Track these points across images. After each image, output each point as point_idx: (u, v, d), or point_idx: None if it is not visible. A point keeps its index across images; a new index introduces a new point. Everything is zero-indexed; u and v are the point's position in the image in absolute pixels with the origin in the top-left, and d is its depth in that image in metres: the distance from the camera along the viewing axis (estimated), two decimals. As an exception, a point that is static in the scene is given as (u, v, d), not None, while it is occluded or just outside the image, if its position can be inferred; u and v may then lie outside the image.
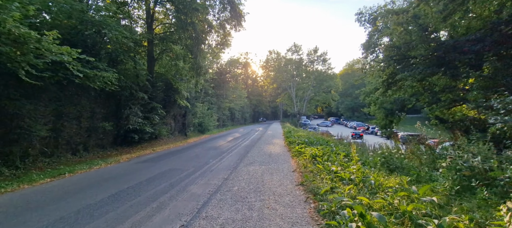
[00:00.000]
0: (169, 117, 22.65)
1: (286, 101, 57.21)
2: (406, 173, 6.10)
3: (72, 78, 9.07)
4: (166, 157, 11.33)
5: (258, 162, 8.71)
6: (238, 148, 14.19)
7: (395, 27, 10.64)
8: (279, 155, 10.23)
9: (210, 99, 38.47)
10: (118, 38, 11.07)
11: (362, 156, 8.54)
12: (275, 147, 13.04)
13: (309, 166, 6.93)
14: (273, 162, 8.69)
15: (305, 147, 10.09)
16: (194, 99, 30.26)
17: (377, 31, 21.59)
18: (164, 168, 8.61)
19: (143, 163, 9.87)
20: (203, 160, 10.16)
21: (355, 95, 70.97)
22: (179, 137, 24.08)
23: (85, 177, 7.47)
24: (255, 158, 9.77)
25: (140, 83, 15.53)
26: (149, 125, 17.02)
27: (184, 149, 14.31)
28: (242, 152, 12.10)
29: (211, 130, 32.83)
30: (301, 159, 8.18)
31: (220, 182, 6.28)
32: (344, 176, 5.27)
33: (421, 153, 7.40)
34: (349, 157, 7.88)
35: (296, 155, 9.38)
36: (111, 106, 14.45)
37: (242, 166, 8.11)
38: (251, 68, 66.58)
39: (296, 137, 14.90)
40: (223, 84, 45.83)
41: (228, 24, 21.28)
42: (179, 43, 19.78)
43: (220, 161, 9.69)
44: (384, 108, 17.12)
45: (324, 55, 51.33)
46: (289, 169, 7.40)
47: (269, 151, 11.75)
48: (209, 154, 11.77)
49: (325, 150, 8.46)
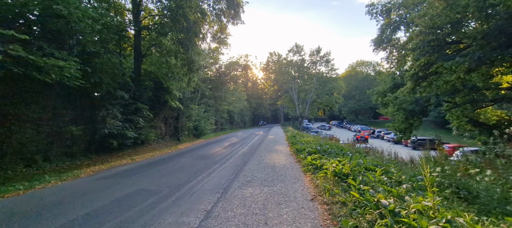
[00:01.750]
0: (159, 120, 20.32)
1: (287, 104, 54.82)
2: (500, 207, 3.75)
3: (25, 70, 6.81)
4: (143, 169, 8.97)
5: (258, 180, 6.36)
6: (234, 156, 11.84)
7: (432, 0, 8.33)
8: (285, 169, 7.87)
9: (208, 102, 36.17)
10: (83, 20, 8.77)
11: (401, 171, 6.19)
12: (279, 156, 10.68)
13: (335, 191, 4.58)
14: (279, 180, 6.33)
15: (319, 159, 7.74)
16: (189, 101, 27.94)
17: (390, 24, 19.39)
18: (131, 188, 6.27)
19: (108, 179, 7.51)
20: (187, 174, 7.81)
21: (358, 98, 68.74)
22: (170, 142, 21.72)
23: (3, 205, 5.12)
24: (254, 172, 7.41)
25: (119, 80, 13.23)
26: (132, 129, 14.70)
27: (171, 158, 11.96)
28: (239, 163, 9.75)
29: (207, 134, 30.48)
30: (319, 177, 5.82)
31: (197, 221, 3.93)
32: (411, 223, 2.92)
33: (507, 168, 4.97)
34: (389, 174, 5.53)
35: (309, 169, 7.01)
36: (82, 107, 12.12)
37: (236, 187, 5.75)
38: (251, 71, 64.55)
39: (303, 143, 12.54)
40: (221, 86, 43.60)
41: (224, 16, 19.07)
42: (169, 35, 17.59)
43: (208, 177, 7.34)
44: (404, 109, 14.79)
45: (327, 56, 49.07)
46: (305, 194, 5.04)
47: (272, 161, 9.39)
48: (198, 165, 9.42)
49: (352, 164, 6.10)
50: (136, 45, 17.52)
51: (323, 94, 51.16)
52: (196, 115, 29.69)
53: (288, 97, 52.76)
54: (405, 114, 14.75)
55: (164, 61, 18.43)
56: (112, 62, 12.40)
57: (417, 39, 9.27)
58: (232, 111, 47.73)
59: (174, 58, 18.01)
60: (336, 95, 52.98)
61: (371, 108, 70.04)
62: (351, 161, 6.46)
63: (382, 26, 19.72)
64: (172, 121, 23.51)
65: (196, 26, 16.89)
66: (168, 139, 22.31)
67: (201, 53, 22.58)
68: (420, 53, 9.14)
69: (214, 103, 38.73)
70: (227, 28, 22.98)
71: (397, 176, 5.38)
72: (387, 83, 18.58)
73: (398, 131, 15.55)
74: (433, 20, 8.23)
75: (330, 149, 9.84)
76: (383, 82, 21.46)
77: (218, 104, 40.73)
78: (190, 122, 27.68)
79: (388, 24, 19.21)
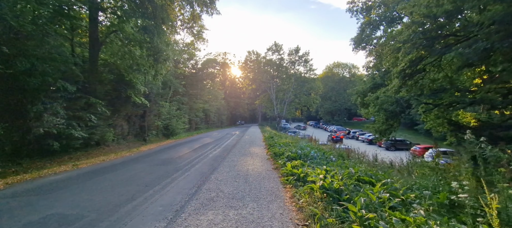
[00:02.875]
0: (120, 118, 17.83)
1: (265, 103, 53.81)
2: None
3: None
4: (81, 180, 6.99)
5: (224, 198, 4.85)
6: (202, 161, 10.17)
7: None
8: (261, 179, 6.45)
9: (181, 99, 33.69)
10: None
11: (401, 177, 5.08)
12: (254, 161, 9.25)
13: (328, 221, 3.23)
14: (251, 197, 4.88)
15: (301, 166, 6.44)
16: (159, 97, 25.50)
17: (370, 23, 18.99)
18: (42, 212, 4.41)
19: (19, 196, 5.49)
20: (135, 187, 6.04)
21: (334, 99, 70.07)
22: (134, 143, 19.29)
23: None
24: (221, 184, 5.89)
25: (62, 68, 10.87)
26: (81, 128, 12.34)
27: (125, 163, 9.96)
28: (206, 170, 8.14)
29: (179, 134, 28.17)
30: (303, 194, 4.46)
31: None
32: None
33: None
34: (390, 189, 4.35)
35: (289, 180, 5.66)
36: (7, 100, 9.64)
37: (192, 210, 4.20)
38: (229, 69, 62.62)
39: (281, 146, 11.25)
40: (197, 83, 41.18)
41: (197, 4, 17.20)
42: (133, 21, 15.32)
43: (161, 191, 5.65)
44: (385, 110, 14.25)
45: (305, 56, 48.89)
46: (285, 222, 3.64)
47: (246, 168, 7.93)
48: (154, 174, 7.64)
49: (343, 174, 4.84)
50: (91, 30, 15.04)
51: (301, 95, 50.96)
52: (167, 113, 27.24)
53: (266, 97, 51.78)
54: (386, 115, 14.22)
55: (127, 52, 16.10)
56: (51, 46, 10.04)
57: (409, 31, 8.46)
58: (208, 110, 45.46)
59: (139, 48, 15.79)
60: (313, 95, 53.14)
61: (346, 109, 71.95)
62: (342, 171, 5.21)
63: (362, 24, 19.27)
64: (137, 119, 21.02)
65: (163, 11, 14.87)
66: (131, 139, 19.83)
67: (171, 44, 20.39)
68: (412, 46, 8.33)
69: (188, 101, 36.29)
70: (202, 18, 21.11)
71: (403, 191, 4.21)
72: (367, 83, 18.17)
73: (378, 132, 15.06)
74: (429, 8, 7.43)
75: (311, 153, 8.63)
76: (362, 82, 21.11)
77: (192, 102, 38.31)
78: (159, 121, 25.22)
79: (368, 23, 18.77)
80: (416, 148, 27.42)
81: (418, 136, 41.24)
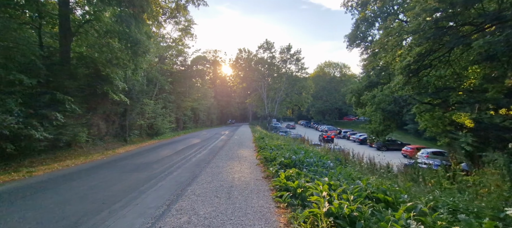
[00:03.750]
0: (96, 116, 16.18)
1: (256, 102, 52.66)
2: None
3: None
4: (20, 197, 5.59)
5: (197, 225, 3.65)
6: (183, 166, 8.89)
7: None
8: (248, 193, 5.28)
9: (168, 97, 32.02)
10: None
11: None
12: (242, 168, 8.07)
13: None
14: (233, 226, 3.70)
15: (297, 176, 5.32)
16: (142, 95, 23.81)
17: (365, 19, 18.18)
18: None
19: None
20: (87, 205, 4.73)
21: (325, 98, 69.80)
22: (113, 144, 17.71)
23: None
24: (196, 203, 4.68)
25: (17, 58, 9.29)
26: (44, 128, 10.76)
27: (91, 170, 8.54)
28: (184, 179, 6.88)
29: (165, 133, 26.60)
30: (302, 224, 3.32)
31: None
32: None
33: None
34: (415, 210, 3.27)
35: (283, 198, 4.49)
36: None
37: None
38: (220, 68, 61.13)
39: (273, 149, 10.11)
40: (185, 81, 39.47)
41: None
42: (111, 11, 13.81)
43: (119, 212, 4.37)
44: (383, 109, 13.40)
45: (297, 54, 48.03)
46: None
47: (231, 177, 6.74)
48: (120, 184, 6.32)
49: (353, 192, 3.75)
50: (61, 18, 13.43)
51: (292, 94, 50.16)
52: (152, 111, 25.61)
53: (257, 95, 50.65)
54: (383, 115, 13.37)
55: (105, 44, 14.55)
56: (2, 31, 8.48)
57: (419, 19, 7.52)
58: (197, 108, 43.82)
59: (118, 41, 14.28)
60: (305, 95, 52.47)
61: (337, 109, 71.94)
62: (351, 186, 4.10)
63: (357, 20, 18.43)
64: (117, 117, 19.37)
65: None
66: (110, 140, 18.19)
67: (153, 36, 18.85)
68: (423, 36, 7.38)
69: (175, 99, 34.60)
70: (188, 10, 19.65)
71: (434, 218, 3.14)
72: (362, 81, 17.35)
73: (375, 133, 14.23)
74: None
75: (307, 158, 7.54)
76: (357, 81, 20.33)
77: (180, 101, 36.61)
78: (142, 120, 23.58)
79: (363, 19, 17.94)
80: (407, 148, 27.02)
81: (407, 136, 41.20)
